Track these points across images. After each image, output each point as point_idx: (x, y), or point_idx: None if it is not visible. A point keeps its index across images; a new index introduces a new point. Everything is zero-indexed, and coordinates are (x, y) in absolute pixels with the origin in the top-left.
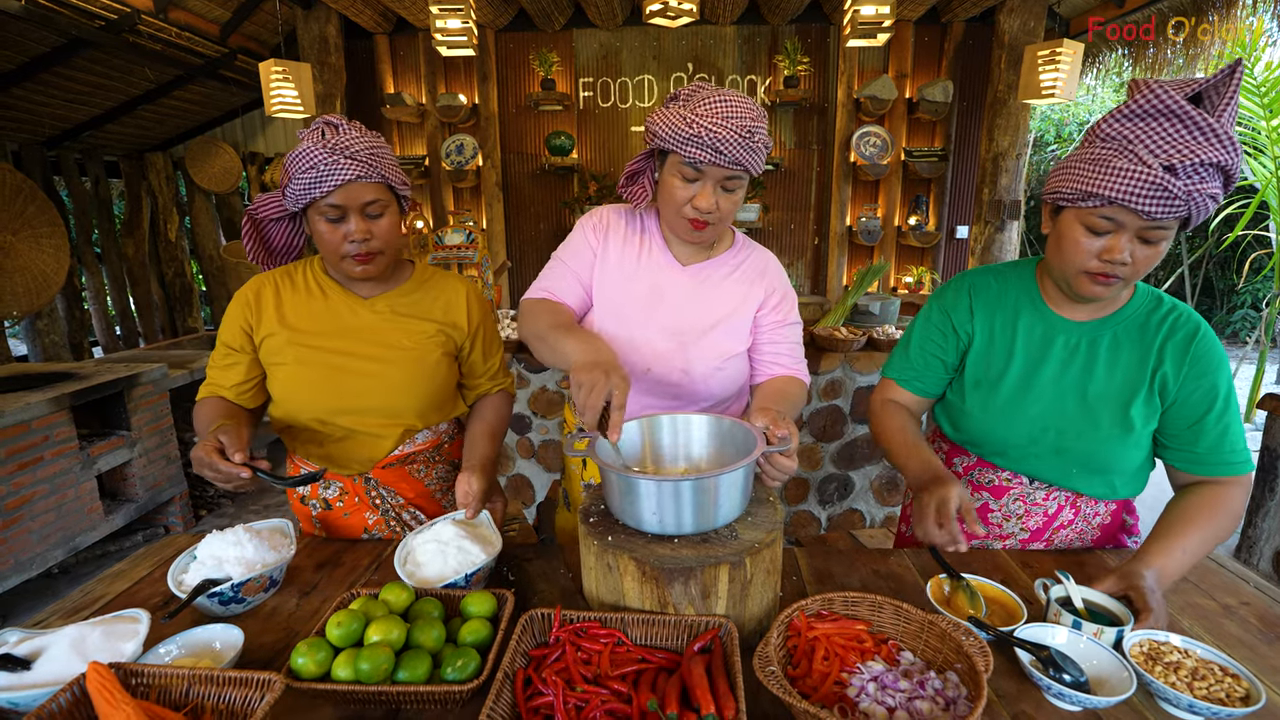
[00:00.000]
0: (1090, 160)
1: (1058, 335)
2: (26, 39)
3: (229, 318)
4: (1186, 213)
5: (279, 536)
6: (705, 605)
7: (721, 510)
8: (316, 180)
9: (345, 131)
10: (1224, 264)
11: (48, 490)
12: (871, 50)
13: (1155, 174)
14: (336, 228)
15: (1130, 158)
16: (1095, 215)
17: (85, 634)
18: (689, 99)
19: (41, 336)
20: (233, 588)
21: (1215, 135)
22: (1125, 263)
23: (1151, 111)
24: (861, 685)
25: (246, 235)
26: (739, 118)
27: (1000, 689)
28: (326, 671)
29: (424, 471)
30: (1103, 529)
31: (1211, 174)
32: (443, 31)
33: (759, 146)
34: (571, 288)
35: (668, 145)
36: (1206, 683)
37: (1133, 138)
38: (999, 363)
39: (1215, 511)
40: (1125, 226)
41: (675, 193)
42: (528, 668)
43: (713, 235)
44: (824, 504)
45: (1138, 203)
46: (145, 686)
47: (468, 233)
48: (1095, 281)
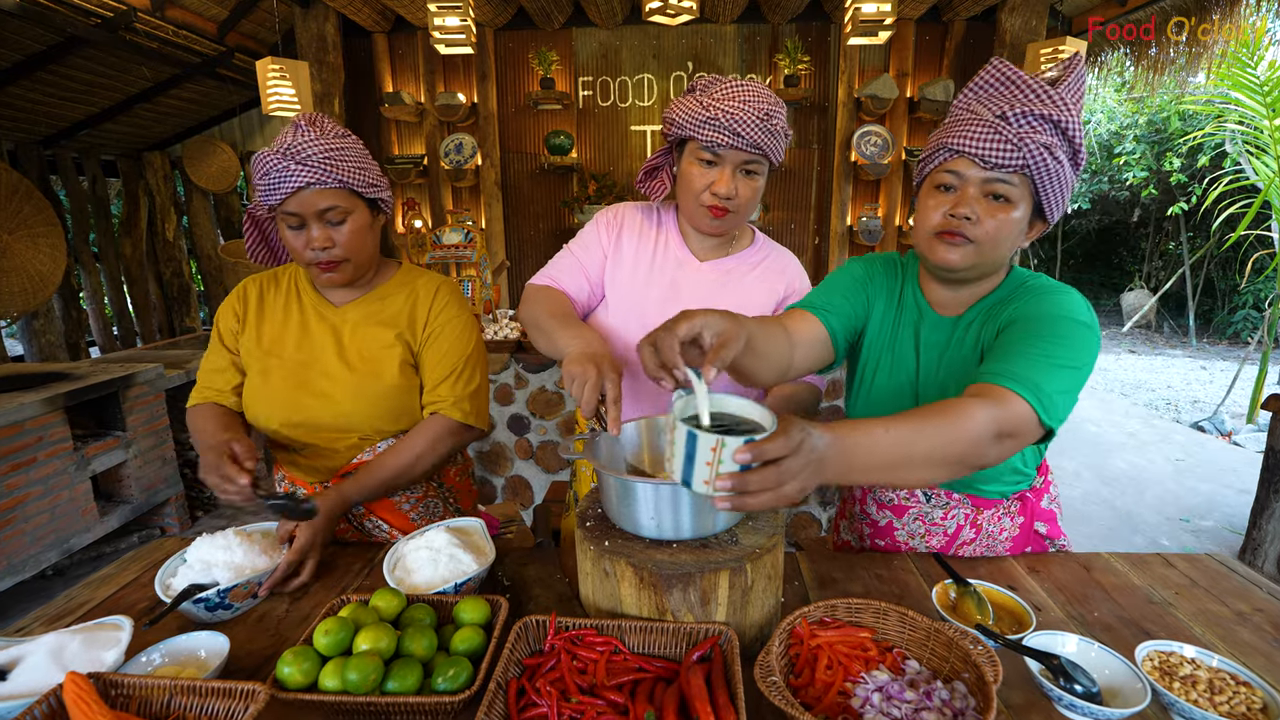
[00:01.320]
0: (942, 126)
1: (924, 330)
2: (22, 36)
3: (221, 317)
4: (1023, 160)
5: (272, 541)
6: (704, 612)
7: (720, 516)
8: (270, 188)
9: (304, 133)
10: (1225, 264)
11: (41, 491)
12: (872, 49)
13: (988, 121)
14: (298, 234)
15: (969, 114)
16: (941, 171)
17: (65, 642)
18: (706, 88)
19: (38, 336)
20: (219, 594)
21: (1048, 95)
22: (969, 217)
23: (993, 81)
24: (866, 696)
25: (248, 234)
26: (756, 100)
27: (1009, 700)
28: (314, 681)
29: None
30: (1014, 541)
31: (1046, 127)
32: (441, 29)
33: (778, 131)
34: (576, 280)
35: (685, 131)
36: (1225, 695)
37: (975, 102)
38: (874, 355)
39: (944, 412)
40: (969, 180)
41: (694, 180)
42: (521, 677)
43: (733, 224)
44: (825, 505)
45: (973, 148)
46: (125, 697)
47: (466, 232)
48: (944, 242)
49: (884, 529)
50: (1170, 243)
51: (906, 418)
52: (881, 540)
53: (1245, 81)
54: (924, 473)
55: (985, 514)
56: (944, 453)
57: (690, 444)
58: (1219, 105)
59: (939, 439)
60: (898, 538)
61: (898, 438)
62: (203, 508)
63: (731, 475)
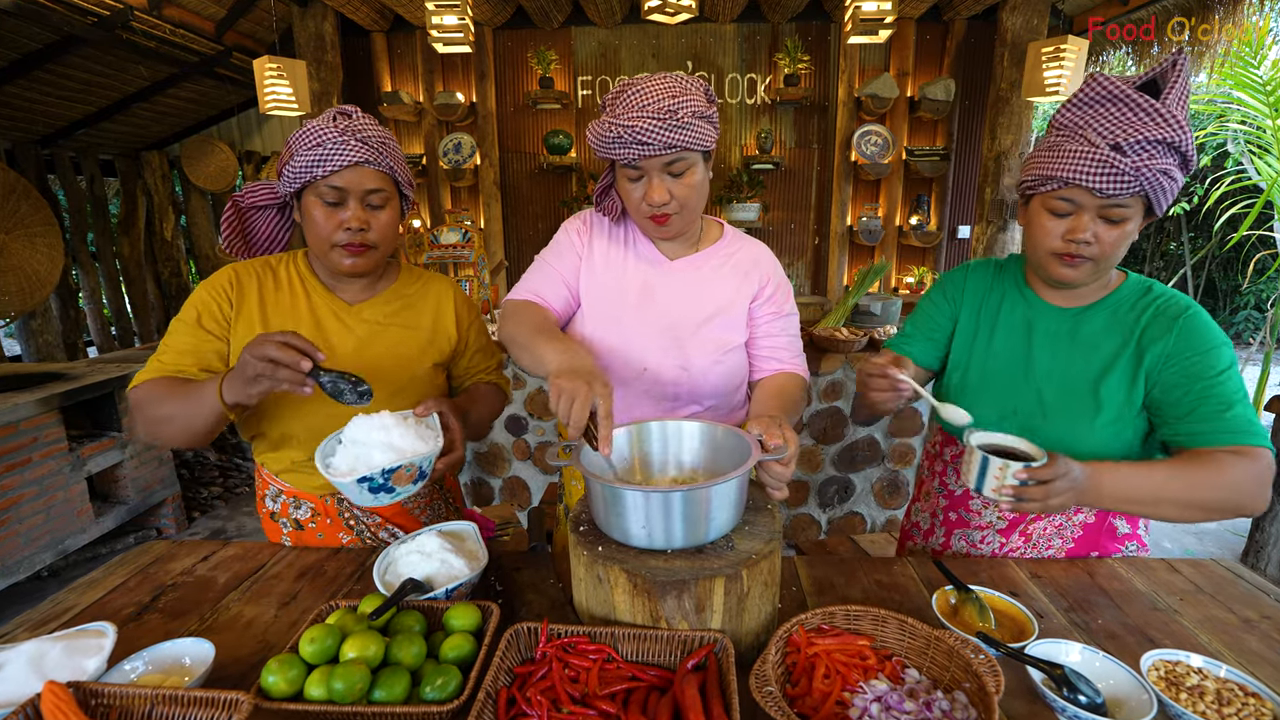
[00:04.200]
0: (1048, 148)
1: (1039, 320)
2: (19, 35)
3: (204, 300)
4: (1140, 188)
5: (425, 429)
6: (699, 620)
7: (714, 523)
8: (321, 159)
9: (359, 118)
10: (1227, 265)
11: (36, 492)
12: (873, 48)
13: (1103, 152)
14: (333, 213)
15: (1080, 140)
16: (1055, 198)
17: (45, 650)
18: (612, 103)
19: (35, 337)
20: (383, 473)
21: (1159, 115)
22: (1089, 241)
23: (1099, 98)
24: (864, 706)
25: (227, 223)
26: (655, 101)
27: (1011, 710)
28: (299, 690)
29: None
30: (1085, 527)
31: (1160, 151)
32: (439, 28)
33: (689, 121)
34: (556, 290)
35: (603, 155)
36: (1234, 707)
37: (1082, 123)
38: (982, 344)
39: (1201, 463)
40: (1084, 206)
41: (630, 194)
42: (512, 686)
43: (683, 225)
44: (824, 507)
45: (1089, 180)
46: (105, 707)
47: (464, 231)
48: (1063, 263)
49: (960, 499)
50: (1171, 243)
51: (1161, 465)
52: (954, 513)
53: (1248, 81)
54: (1173, 511)
55: None
56: (1198, 497)
57: (984, 464)
58: (1221, 105)
59: (1196, 486)
60: (972, 507)
61: (1150, 480)
62: (199, 509)
63: (1012, 488)
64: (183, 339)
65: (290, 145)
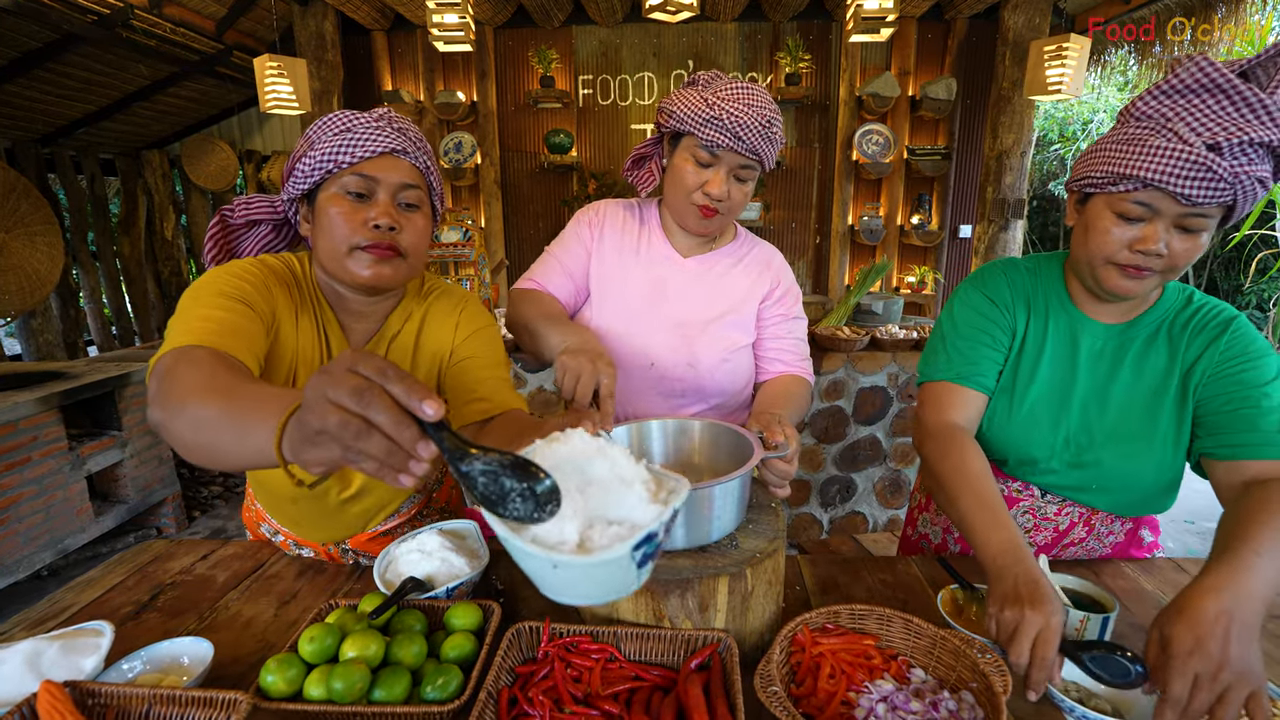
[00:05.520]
0: (1124, 140)
1: (1084, 338)
2: (18, 34)
3: (248, 275)
4: (1231, 198)
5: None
6: (703, 619)
7: (716, 524)
8: (350, 144)
9: (394, 112)
10: (1229, 265)
11: (36, 491)
12: (874, 47)
13: (1197, 153)
14: (358, 209)
15: (1169, 136)
16: (1128, 200)
17: (42, 649)
18: (709, 84)
19: (35, 336)
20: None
21: (1267, 112)
22: (1160, 254)
23: (1195, 87)
24: (870, 706)
25: (212, 239)
26: (760, 106)
27: (1018, 711)
28: (298, 690)
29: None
30: (1114, 548)
31: (1261, 155)
32: (439, 26)
33: (775, 139)
34: (561, 282)
35: (685, 127)
36: None
37: (1172, 115)
38: (1028, 366)
39: None
40: (1162, 213)
41: (687, 178)
42: (513, 686)
43: (720, 225)
44: (826, 506)
45: (1177, 185)
46: (102, 707)
47: (464, 230)
48: (1125, 275)
49: None
50: None
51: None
52: None
53: None
54: None
55: (1100, 514)
56: None
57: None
58: None
59: None
60: None
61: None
62: (200, 508)
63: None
64: (225, 316)
65: (310, 135)
